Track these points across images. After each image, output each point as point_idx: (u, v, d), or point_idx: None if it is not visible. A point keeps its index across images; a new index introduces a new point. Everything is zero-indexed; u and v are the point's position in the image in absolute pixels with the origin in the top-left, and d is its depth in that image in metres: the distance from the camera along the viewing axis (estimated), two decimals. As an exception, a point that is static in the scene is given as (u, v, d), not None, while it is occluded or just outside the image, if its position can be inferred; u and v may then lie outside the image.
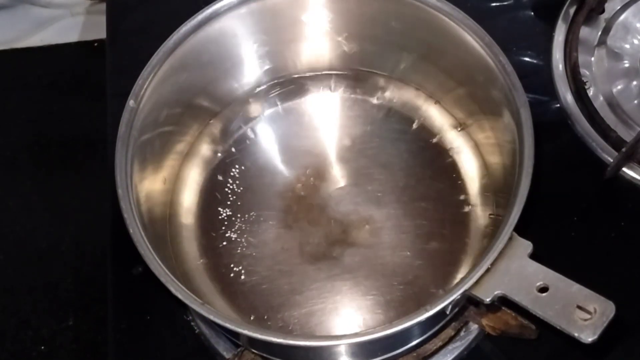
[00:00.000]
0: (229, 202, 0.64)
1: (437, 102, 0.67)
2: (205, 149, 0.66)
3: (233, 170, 0.66)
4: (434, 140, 0.66)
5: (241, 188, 0.65)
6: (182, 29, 0.60)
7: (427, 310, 0.48)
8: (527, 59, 0.72)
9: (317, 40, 0.66)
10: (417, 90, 0.67)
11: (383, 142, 0.66)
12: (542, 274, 0.48)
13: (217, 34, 0.62)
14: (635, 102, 0.69)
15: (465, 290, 0.49)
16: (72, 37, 1.06)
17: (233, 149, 0.66)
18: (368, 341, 0.49)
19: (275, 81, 0.68)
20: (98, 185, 0.66)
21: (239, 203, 0.64)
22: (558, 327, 0.47)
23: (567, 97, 0.69)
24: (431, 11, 0.59)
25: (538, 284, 0.48)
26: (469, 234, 0.61)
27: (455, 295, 0.49)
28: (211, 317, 0.50)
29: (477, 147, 0.64)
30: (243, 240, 0.62)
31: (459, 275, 0.59)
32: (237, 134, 0.67)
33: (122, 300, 0.65)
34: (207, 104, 0.66)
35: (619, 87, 0.70)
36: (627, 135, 0.66)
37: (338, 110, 0.68)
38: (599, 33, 0.73)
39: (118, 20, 0.79)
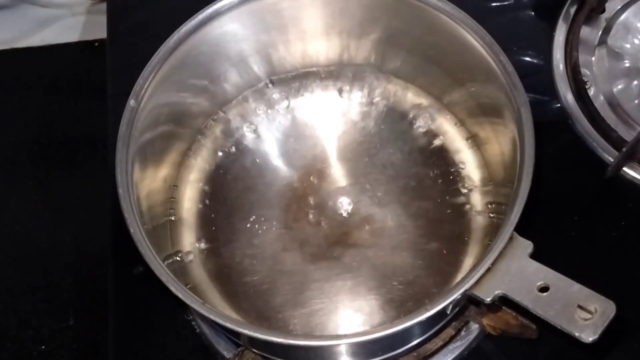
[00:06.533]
0: (229, 202, 0.64)
1: (437, 101, 0.67)
2: (205, 149, 0.66)
3: (233, 170, 0.66)
4: (434, 140, 0.66)
5: (241, 188, 0.65)
6: (183, 28, 0.60)
7: (427, 310, 0.48)
8: (527, 58, 0.72)
9: (317, 40, 0.66)
10: (418, 89, 0.67)
11: (383, 142, 0.66)
12: (543, 273, 0.48)
13: (217, 33, 0.62)
14: (636, 101, 0.69)
15: (466, 290, 0.49)
16: (73, 37, 1.06)
17: (233, 149, 0.66)
18: (368, 341, 0.49)
19: (276, 81, 0.68)
20: (98, 185, 0.66)
21: (239, 203, 0.64)
22: (559, 327, 0.47)
23: (568, 96, 0.69)
24: (432, 11, 0.59)
25: (538, 283, 0.48)
26: (470, 233, 0.61)
27: (456, 294, 0.49)
28: (212, 317, 0.50)
29: (477, 147, 0.64)
30: (243, 239, 0.62)
31: (460, 275, 0.59)
32: (237, 133, 0.67)
33: (123, 300, 0.65)
34: (207, 104, 0.66)
35: (620, 86, 0.70)
36: (628, 135, 0.66)
37: (338, 109, 0.68)
38: (600, 33, 0.73)
39: (118, 20, 0.79)
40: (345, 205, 0.63)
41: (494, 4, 0.76)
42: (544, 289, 0.48)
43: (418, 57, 0.65)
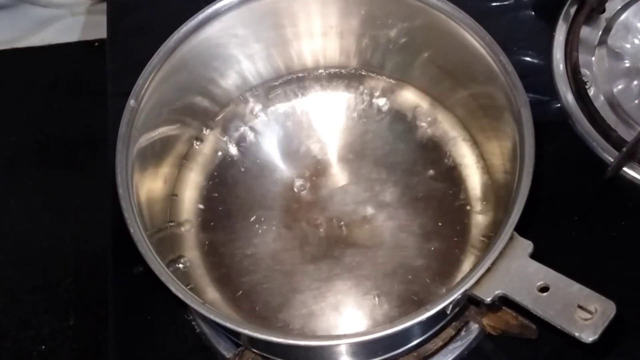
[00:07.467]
0: (229, 202, 0.64)
1: (437, 102, 0.67)
2: (205, 149, 0.66)
3: (233, 170, 0.66)
4: (435, 139, 0.66)
5: (241, 188, 0.65)
6: (183, 28, 0.60)
7: (427, 310, 0.48)
8: (527, 58, 0.72)
9: (318, 40, 0.66)
10: (418, 90, 0.67)
11: (383, 141, 0.66)
12: (543, 273, 0.48)
13: (217, 33, 0.62)
14: (636, 101, 0.69)
15: (466, 290, 0.49)
16: (73, 37, 1.06)
17: (233, 149, 0.66)
18: (368, 341, 0.49)
19: (276, 81, 0.68)
20: (98, 185, 0.66)
21: (239, 203, 0.64)
22: (559, 327, 0.47)
23: (568, 96, 0.69)
24: (432, 11, 0.59)
25: (539, 283, 0.48)
26: (469, 233, 0.61)
27: (456, 295, 0.49)
28: (212, 317, 0.50)
29: (477, 147, 0.64)
30: (243, 240, 0.62)
31: (460, 275, 0.59)
32: (237, 134, 0.67)
33: (123, 300, 0.65)
34: (207, 104, 0.66)
35: (620, 86, 0.70)
36: (628, 135, 0.66)
37: (338, 109, 0.68)
38: (600, 33, 0.73)
39: (118, 20, 0.79)
40: (345, 205, 0.63)
41: (494, 4, 0.76)
42: (544, 289, 0.48)
43: (418, 57, 0.65)
